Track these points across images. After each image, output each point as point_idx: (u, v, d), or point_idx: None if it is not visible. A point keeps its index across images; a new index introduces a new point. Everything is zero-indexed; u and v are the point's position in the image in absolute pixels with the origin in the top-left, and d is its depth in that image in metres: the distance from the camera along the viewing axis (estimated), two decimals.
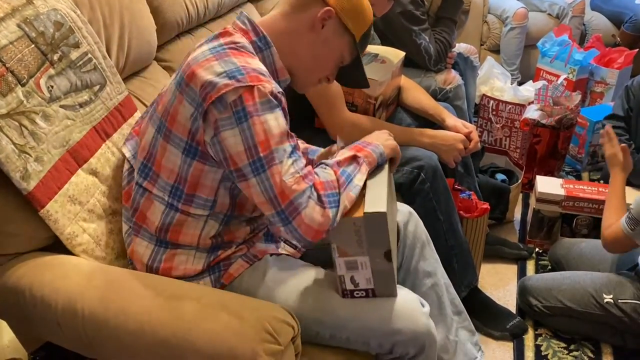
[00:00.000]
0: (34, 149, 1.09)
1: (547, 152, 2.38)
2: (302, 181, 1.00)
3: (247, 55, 1.06)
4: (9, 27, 1.08)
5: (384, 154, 1.17)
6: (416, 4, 2.04)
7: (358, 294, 1.11)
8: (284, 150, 1.01)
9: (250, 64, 1.03)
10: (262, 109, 1.00)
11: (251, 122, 0.99)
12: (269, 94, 1.00)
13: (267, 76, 1.03)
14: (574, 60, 2.83)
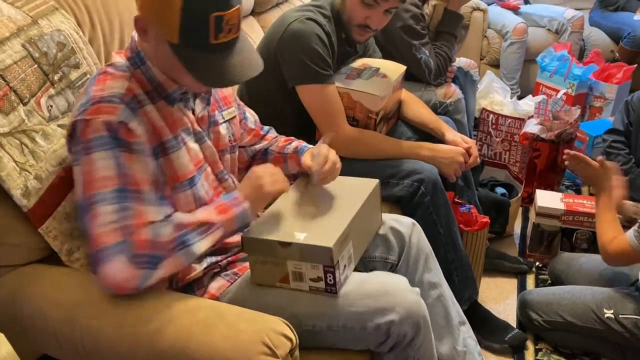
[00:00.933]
0: (34, 167, 1.10)
1: (546, 166, 2.38)
2: (115, 234, 0.96)
3: (110, 78, 1.04)
4: (14, 47, 1.10)
5: (247, 217, 1.12)
6: (416, 19, 2.06)
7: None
8: (104, 196, 0.97)
9: (104, 91, 1.01)
10: (94, 145, 0.98)
11: (84, 160, 0.99)
12: (104, 127, 0.97)
13: (115, 103, 1.00)
14: (573, 75, 2.85)
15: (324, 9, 1.66)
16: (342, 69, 1.75)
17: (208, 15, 0.95)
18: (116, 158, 0.98)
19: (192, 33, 0.97)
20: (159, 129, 1.06)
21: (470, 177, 1.98)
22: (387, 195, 1.64)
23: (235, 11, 0.98)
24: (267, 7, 2.30)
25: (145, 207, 1.00)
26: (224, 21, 0.96)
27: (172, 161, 1.08)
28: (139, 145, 1.01)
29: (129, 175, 0.99)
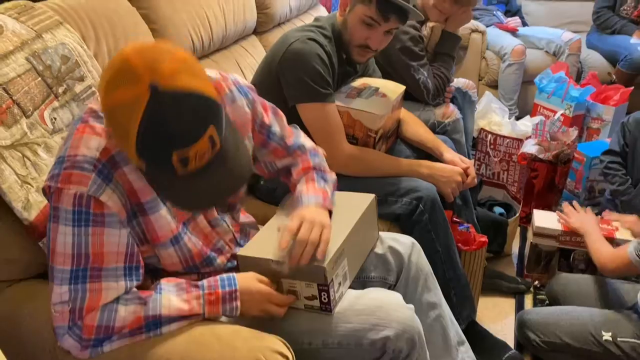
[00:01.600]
0: (36, 180, 1.11)
1: (544, 187, 2.39)
2: (65, 316, 0.94)
3: (89, 132, 0.97)
4: (17, 60, 1.12)
5: (235, 314, 1.05)
6: (415, 41, 2.08)
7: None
8: (62, 274, 0.94)
9: (78, 151, 0.95)
10: (59, 216, 0.94)
11: (51, 225, 0.95)
12: (71, 201, 0.93)
13: (86, 171, 0.93)
14: (570, 97, 2.87)
15: (325, 30, 1.69)
16: (342, 88, 1.76)
17: (168, 155, 0.86)
18: (78, 236, 0.94)
19: (153, 166, 0.89)
20: (138, 190, 0.99)
21: (469, 196, 1.98)
22: (386, 212, 1.64)
23: (202, 143, 0.87)
24: (269, 26, 2.33)
25: (104, 284, 0.96)
26: (189, 156, 0.87)
27: (152, 222, 1.02)
28: (110, 217, 0.95)
29: (89, 255, 0.94)
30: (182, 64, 0.86)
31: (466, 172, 1.75)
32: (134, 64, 0.83)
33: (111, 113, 0.87)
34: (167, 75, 0.83)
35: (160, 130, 0.84)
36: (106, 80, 0.87)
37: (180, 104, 0.84)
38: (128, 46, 0.87)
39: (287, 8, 2.36)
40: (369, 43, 1.64)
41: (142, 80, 0.83)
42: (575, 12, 3.72)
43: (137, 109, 0.83)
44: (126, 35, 1.43)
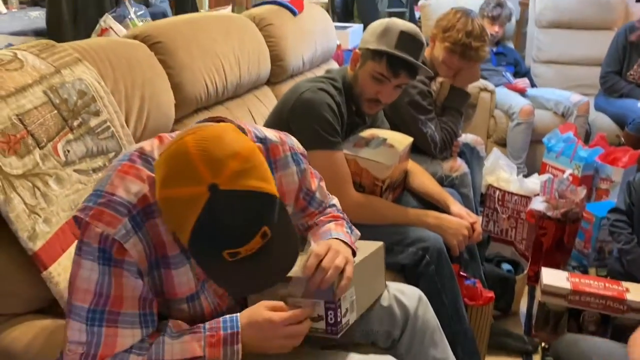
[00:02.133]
0: (44, 210, 1.11)
1: (553, 245, 2.36)
2: (74, 357, 0.92)
3: (132, 174, 0.96)
4: (35, 93, 1.14)
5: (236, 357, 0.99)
6: (423, 95, 2.12)
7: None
8: (80, 312, 0.92)
9: (117, 190, 0.94)
10: (85, 251, 0.92)
11: (75, 257, 0.94)
12: (97, 239, 0.91)
13: (120, 214, 0.92)
14: (579, 157, 2.88)
15: (335, 81, 1.73)
16: (351, 137, 1.79)
17: (219, 252, 0.86)
18: (101, 274, 0.92)
19: (202, 253, 0.89)
20: (167, 243, 0.98)
21: (476, 251, 1.96)
22: (391, 262, 1.62)
23: (256, 241, 0.87)
24: (282, 78, 2.39)
25: (120, 331, 0.94)
26: (239, 252, 0.87)
27: (172, 277, 1.00)
28: (129, 265, 0.94)
29: (109, 297, 0.93)
30: (244, 164, 0.86)
31: (473, 226, 1.74)
32: (196, 161, 0.84)
33: (167, 205, 0.88)
34: (229, 176, 0.84)
35: (215, 228, 0.85)
36: (165, 172, 0.87)
37: (238, 204, 0.85)
38: (189, 136, 0.86)
39: (300, 61, 2.42)
40: (380, 97, 1.69)
41: (203, 181, 0.84)
42: (583, 75, 3.78)
43: (194, 208, 0.84)
44: (143, 77, 1.46)
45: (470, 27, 2.09)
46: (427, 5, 3.80)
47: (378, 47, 1.63)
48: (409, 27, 1.66)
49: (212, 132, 0.88)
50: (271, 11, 2.32)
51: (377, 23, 1.70)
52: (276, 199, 0.90)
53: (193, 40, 1.74)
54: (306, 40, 2.46)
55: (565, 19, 3.83)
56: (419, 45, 1.67)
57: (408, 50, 1.63)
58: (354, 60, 1.72)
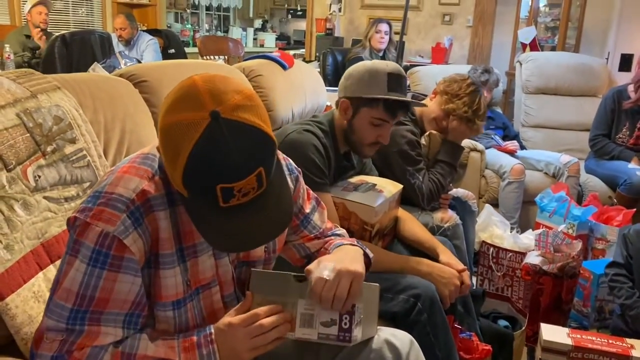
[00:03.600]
0: (6, 236, 1.04)
1: (551, 303, 2.26)
2: (54, 345, 0.90)
3: (132, 172, 0.96)
4: (7, 115, 1.10)
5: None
6: (412, 145, 2.10)
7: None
8: (61, 311, 0.90)
9: (116, 188, 0.94)
10: (78, 250, 0.91)
11: (67, 258, 0.92)
12: (96, 238, 0.90)
13: (118, 210, 0.92)
14: (572, 216, 2.83)
15: (322, 124, 1.72)
16: (339, 182, 1.75)
17: (214, 186, 0.86)
18: (89, 276, 0.90)
19: (197, 196, 0.89)
20: (162, 240, 0.97)
21: (471, 304, 1.87)
22: (382, 310, 1.52)
23: (249, 180, 0.87)
24: (271, 127, 2.37)
25: (103, 329, 0.92)
26: (233, 190, 0.87)
27: (160, 278, 0.98)
28: (128, 262, 0.92)
29: (94, 298, 0.91)
30: (247, 101, 0.88)
31: (462, 276, 1.66)
32: (201, 90, 0.86)
33: (167, 131, 0.87)
34: (231, 106, 0.86)
35: (211, 157, 0.84)
36: (170, 101, 0.89)
37: (236, 135, 0.85)
38: (199, 75, 0.90)
39: (289, 113, 2.42)
40: (380, 140, 1.70)
41: (205, 107, 0.85)
42: (571, 139, 3.81)
43: (194, 131, 0.84)
44: (125, 111, 1.43)
45: (477, 106, 2.13)
46: (415, 71, 3.88)
47: (372, 94, 1.63)
48: (393, 68, 1.67)
49: (221, 74, 0.92)
50: (261, 64, 2.34)
51: (359, 68, 1.70)
52: (274, 144, 0.90)
53: (179, 82, 1.72)
54: (296, 94, 2.46)
55: (552, 85, 3.91)
56: (405, 80, 1.70)
57: (399, 90, 1.65)
58: (344, 109, 1.71)
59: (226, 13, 9.48)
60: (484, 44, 5.63)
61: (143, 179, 0.96)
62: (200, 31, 8.40)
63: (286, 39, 9.69)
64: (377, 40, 4.42)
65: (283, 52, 2.71)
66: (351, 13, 6.14)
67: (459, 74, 2.28)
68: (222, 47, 4.88)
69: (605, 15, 5.02)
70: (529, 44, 4.93)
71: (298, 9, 9.53)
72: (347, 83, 1.71)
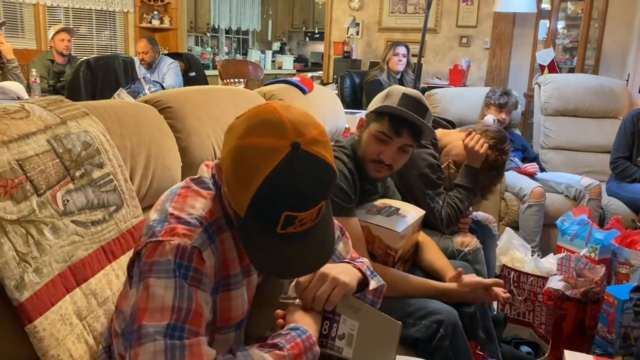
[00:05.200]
0: (36, 260, 1.06)
1: (574, 329, 2.23)
2: None
3: (192, 195, 0.97)
4: (38, 141, 1.13)
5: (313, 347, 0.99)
6: (432, 168, 2.10)
7: None
8: (155, 330, 0.84)
9: (182, 210, 0.94)
10: (157, 270, 0.88)
11: (142, 284, 0.89)
12: (174, 252, 0.88)
13: (192, 225, 0.92)
14: (594, 239, 2.79)
15: (346, 149, 1.72)
16: (363, 205, 1.75)
17: (280, 212, 0.88)
18: (180, 289, 0.87)
19: (258, 219, 0.90)
20: (229, 261, 0.98)
21: (493, 330, 1.85)
22: (403, 336, 1.51)
23: (312, 212, 0.89)
24: None
25: (202, 339, 0.87)
26: (296, 219, 0.89)
27: (231, 299, 0.99)
28: (205, 277, 0.91)
29: (190, 312, 0.87)
30: (321, 136, 0.92)
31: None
32: (284, 120, 0.89)
33: (244, 152, 0.88)
34: (309, 139, 0.89)
35: (285, 184, 0.86)
36: (249, 123, 0.90)
37: (311, 167, 0.88)
38: (277, 103, 0.94)
39: None
40: (382, 158, 1.64)
41: (287, 136, 0.87)
42: (592, 162, 3.78)
43: (273, 157, 0.86)
44: (150, 136, 1.46)
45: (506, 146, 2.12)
46: (433, 93, 3.89)
47: (380, 107, 1.64)
48: (412, 91, 1.67)
49: (295, 105, 0.96)
50: (281, 88, 2.37)
51: (383, 91, 1.72)
52: (336, 179, 0.94)
53: (203, 107, 1.75)
54: (315, 117, 2.48)
55: (571, 107, 3.89)
56: (423, 108, 1.65)
57: (410, 110, 1.61)
58: (360, 126, 1.73)
59: (245, 36, 9.62)
60: (501, 66, 5.63)
61: (208, 200, 0.98)
62: (220, 54, 8.53)
63: (304, 61, 9.80)
64: (395, 62, 4.45)
65: (303, 76, 2.75)
66: (369, 36, 6.19)
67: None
68: (242, 71, 4.95)
69: (624, 36, 5.00)
70: (547, 65, 4.91)
71: (316, 32, 9.63)
72: (370, 104, 1.74)
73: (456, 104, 3.77)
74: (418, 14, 5.87)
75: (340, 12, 6.30)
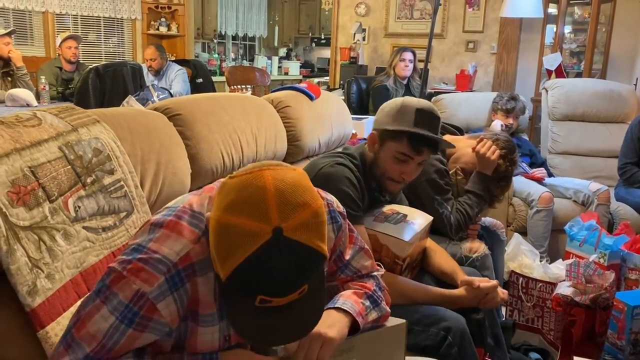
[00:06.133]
0: (48, 266, 1.07)
1: (583, 335, 2.22)
2: None
3: (177, 233, 0.96)
4: (50, 148, 1.14)
5: None
6: (440, 174, 2.10)
7: None
8: (76, 348, 0.92)
9: (159, 249, 0.93)
10: (110, 301, 0.92)
11: (98, 301, 0.93)
12: (131, 295, 0.91)
13: (158, 272, 0.92)
14: (603, 245, 2.77)
15: (353, 158, 1.73)
16: (370, 212, 1.75)
17: (255, 294, 0.86)
18: (114, 330, 0.92)
19: (236, 291, 0.88)
20: (202, 302, 0.98)
21: (501, 337, 1.84)
22: (411, 344, 1.51)
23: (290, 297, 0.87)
24: (298, 157, 2.40)
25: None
26: (271, 301, 0.87)
27: (197, 334, 0.99)
28: (156, 323, 0.93)
29: (110, 350, 0.92)
30: (312, 217, 0.86)
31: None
32: (269, 202, 0.84)
33: (223, 231, 0.85)
34: (295, 225, 0.84)
35: (260, 272, 0.84)
36: (236, 196, 0.86)
37: (291, 255, 0.84)
38: (269, 171, 0.87)
39: (316, 143, 2.45)
40: (405, 177, 1.67)
41: (269, 221, 0.83)
42: (600, 166, 3.76)
43: (251, 242, 0.83)
44: (160, 143, 1.47)
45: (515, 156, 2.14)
46: (440, 99, 3.90)
47: (397, 127, 1.63)
48: (423, 104, 1.66)
49: (291, 176, 0.88)
50: (289, 95, 2.38)
51: (391, 104, 1.71)
52: (325, 261, 0.90)
53: (212, 115, 1.76)
54: (322, 124, 2.50)
55: (579, 112, 3.88)
56: (436, 120, 1.67)
57: (427, 126, 1.62)
58: (372, 142, 1.71)
59: (252, 42, 9.67)
60: (508, 71, 5.63)
61: (190, 242, 0.95)
62: (227, 60, 8.57)
63: (310, 66, 9.82)
64: (402, 68, 4.45)
65: (310, 83, 2.76)
66: (375, 42, 6.21)
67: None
68: (249, 77, 4.98)
69: (632, 40, 4.98)
70: (554, 70, 4.91)
71: (322, 38, 9.67)
72: (378, 116, 1.72)
73: (463, 109, 3.77)
74: (424, 20, 5.89)
75: (346, 17, 6.32)
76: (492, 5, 5.60)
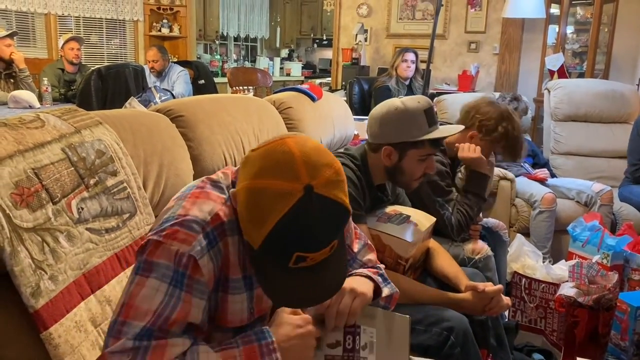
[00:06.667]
0: (51, 267, 1.07)
1: (587, 336, 2.21)
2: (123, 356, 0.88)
3: (203, 197, 0.99)
4: (53, 150, 1.14)
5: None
6: (442, 176, 2.10)
7: None
8: (133, 331, 0.89)
9: (189, 212, 0.96)
10: (154, 270, 0.92)
11: (138, 278, 0.93)
12: (172, 257, 0.92)
13: (193, 231, 0.94)
14: (606, 245, 2.77)
15: (354, 158, 1.73)
16: (374, 212, 1.75)
17: (292, 252, 0.90)
18: (170, 297, 0.91)
19: (270, 255, 0.92)
20: (232, 265, 1.00)
21: (504, 337, 1.84)
22: (414, 343, 1.51)
23: (325, 251, 0.91)
24: None
25: (169, 341, 0.91)
26: (307, 258, 0.91)
27: (227, 303, 1.01)
28: (199, 285, 0.94)
29: (168, 318, 0.91)
30: (336, 176, 0.91)
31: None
32: (298, 161, 0.89)
33: (256, 195, 0.89)
34: (323, 182, 0.89)
35: (297, 228, 0.87)
36: (263, 163, 0.90)
37: (324, 211, 0.88)
38: (290, 139, 0.92)
39: None
40: (428, 171, 1.75)
41: (300, 180, 0.87)
42: (603, 167, 3.75)
43: (286, 201, 0.86)
44: (163, 145, 1.47)
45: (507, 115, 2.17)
46: (442, 99, 3.90)
47: (418, 138, 1.65)
48: (424, 103, 1.67)
49: (311, 140, 0.95)
50: (291, 96, 2.38)
51: (392, 114, 1.67)
52: (350, 217, 0.96)
53: (214, 116, 1.77)
54: (324, 125, 2.50)
55: (581, 112, 3.88)
56: (434, 109, 1.72)
57: (434, 121, 1.68)
58: (388, 155, 1.70)
59: (253, 43, 9.68)
60: (511, 71, 5.62)
61: (217, 203, 0.99)
62: (229, 61, 8.58)
63: (312, 67, 9.83)
64: (404, 69, 4.45)
65: (312, 84, 2.76)
66: (377, 42, 6.21)
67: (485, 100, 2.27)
68: (251, 78, 4.98)
69: (635, 40, 4.98)
70: (556, 70, 4.90)
71: (324, 39, 9.67)
72: (385, 130, 1.68)
73: None
74: (426, 20, 5.89)
75: (348, 18, 6.32)
76: (494, 6, 5.60)
